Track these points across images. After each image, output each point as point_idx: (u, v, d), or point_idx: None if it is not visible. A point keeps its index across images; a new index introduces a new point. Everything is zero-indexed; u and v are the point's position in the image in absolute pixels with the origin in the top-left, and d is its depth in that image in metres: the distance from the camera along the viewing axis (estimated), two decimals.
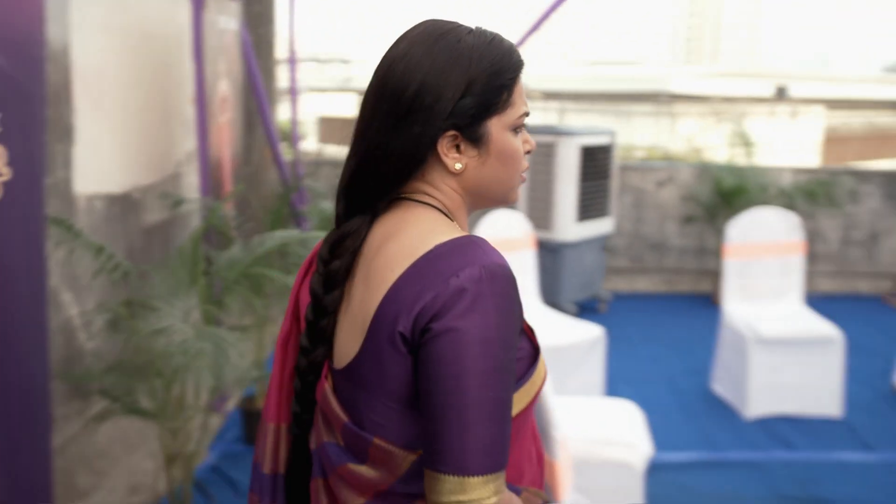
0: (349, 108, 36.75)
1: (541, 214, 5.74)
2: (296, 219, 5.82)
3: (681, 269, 6.90)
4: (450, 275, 1.03)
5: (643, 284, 6.93)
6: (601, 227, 6.03)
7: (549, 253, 5.71)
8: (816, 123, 27.00)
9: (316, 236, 2.95)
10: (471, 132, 1.12)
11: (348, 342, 1.13)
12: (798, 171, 6.89)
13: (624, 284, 6.91)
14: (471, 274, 1.02)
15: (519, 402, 1.13)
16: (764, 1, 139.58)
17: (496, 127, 1.14)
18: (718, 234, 6.02)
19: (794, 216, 4.68)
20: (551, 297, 5.65)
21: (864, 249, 6.99)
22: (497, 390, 1.03)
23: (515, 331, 1.06)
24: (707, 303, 6.48)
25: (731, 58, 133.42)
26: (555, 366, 4.03)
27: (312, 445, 1.21)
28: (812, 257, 6.91)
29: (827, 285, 6.97)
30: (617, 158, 6.37)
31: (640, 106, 38.80)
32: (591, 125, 11.58)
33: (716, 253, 6.34)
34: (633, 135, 37.38)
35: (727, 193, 6.22)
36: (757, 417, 4.28)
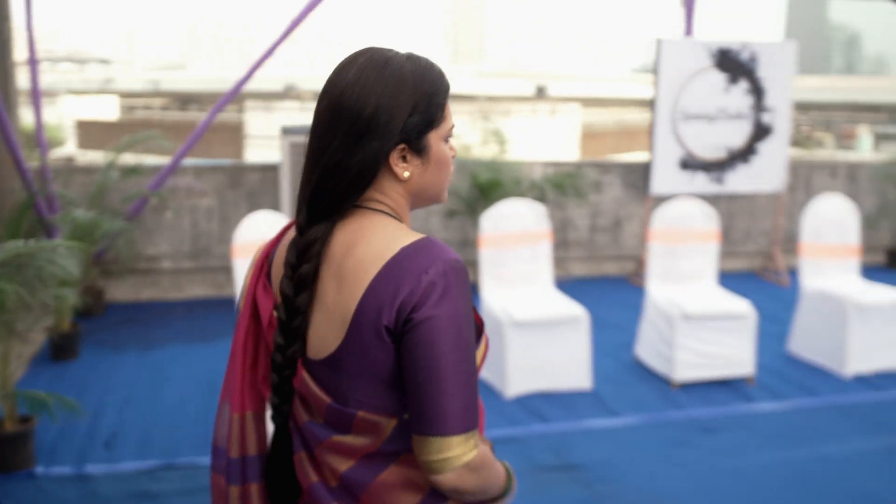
0: (110, 111, 34.74)
1: None
2: (46, 228, 5.49)
3: None
4: (420, 272, 1.23)
5: None
6: None
7: None
8: (573, 120, 28.82)
9: (54, 245, 2.82)
10: (416, 144, 1.33)
11: (326, 336, 1.29)
12: (548, 165, 7.38)
13: None
14: (437, 270, 1.24)
15: None
16: (525, 3, 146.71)
17: (434, 139, 1.35)
18: (478, 226, 6.34)
19: (541, 206, 5.03)
20: None
21: (609, 235, 7.61)
22: (468, 362, 1.26)
23: (471, 312, 1.29)
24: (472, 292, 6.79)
25: (496, 58, 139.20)
26: None
27: (291, 426, 1.37)
28: (565, 244, 7.44)
29: (579, 269, 7.52)
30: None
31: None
32: None
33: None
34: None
35: (484, 187, 6.56)
36: (516, 396, 4.57)
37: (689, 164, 7.01)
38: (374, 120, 1.28)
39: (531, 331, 4.55)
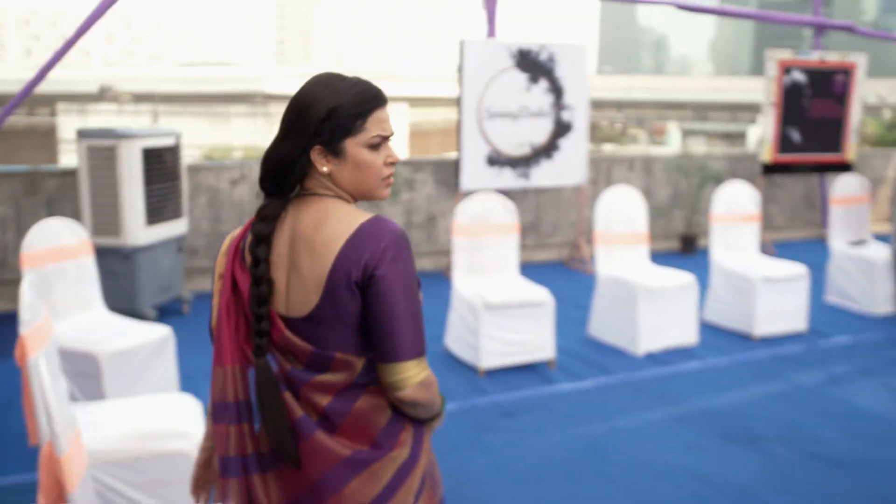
0: None
1: (108, 220, 5.57)
2: None
3: None
4: (378, 241, 1.61)
5: None
6: (175, 228, 6.01)
7: (121, 259, 5.57)
8: (401, 120, 29.08)
9: None
10: (332, 148, 1.66)
11: (304, 298, 1.65)
12: None
13: (209, 283, 6.97)
14: (389, 238, 1.61)
15: None
16: (353, 4, 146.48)
17: (351, 145, 1.67)
18: None
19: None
20: (128, 303, 5.53)
21: (424, 231, 7.79)
22: (415, 305, 1.65)
23: (415, 269, 1.67)
24: None
25: (323, 59, 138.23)
26: (124, 369, 4.00)
27: (277, 374, 1.68)
28: None
29: None
30: (188, 158, 6.38)
31: (235, 107, 38.61)
32: (155, 127, 11.36)
33: None
34: (231, 135, 37.02)
35: None
36: None
37: (496, 160, 7.29)
38: (295, 124, 1.66)
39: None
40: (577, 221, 8.29)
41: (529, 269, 7.79)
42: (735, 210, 6.12)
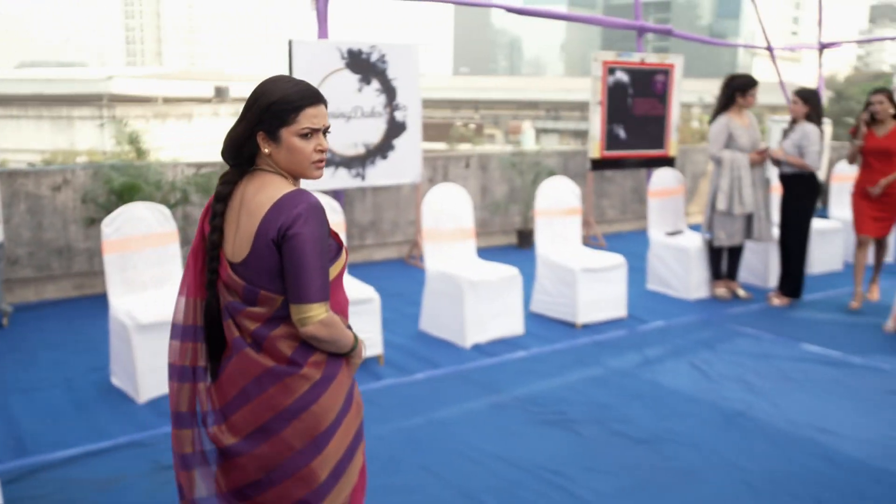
0: None
1: None
2: None
3: (91, 272, 6.87)
4: (292, 207, 2.06)
5: (52, 292, 6.75)
6: None
7: None
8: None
9: None
10: (271, 134, 2.14)
11: (241, 248, 2.13)
12: (191, 166, 7.31)
13: (31, 294, 6.66)
14: (302, 207, 2.06)
15: (333, 271, 2.21)
16: (203, 4, 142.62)
17: (286, 133, 2.13)
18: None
19: (166, 209, 4.99)
20: None
21: None
22: (320, 260, 2.08)
23: (325, 233, 2.10)
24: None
25: (175, 60, 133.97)
26: None
27: (222, 305, 2.22)
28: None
29: None
30: (21, 165, 6.07)
31: (80, 109, 36.79)
32: None
33: None
34: (75, 140, 35.19)
35: (120, 192, 6.36)
36: (149, 399, 4.51)
37: (330, 160, 7.30)
38: (246, 113, 2.15)
39: (157, 333, 4.50)
40: (415, 219, 8.41)
41: (370, 268, 7.86)
42: (557, 204, 6.38)
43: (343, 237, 5.46)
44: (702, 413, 4.45)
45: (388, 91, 7.52)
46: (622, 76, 8.99)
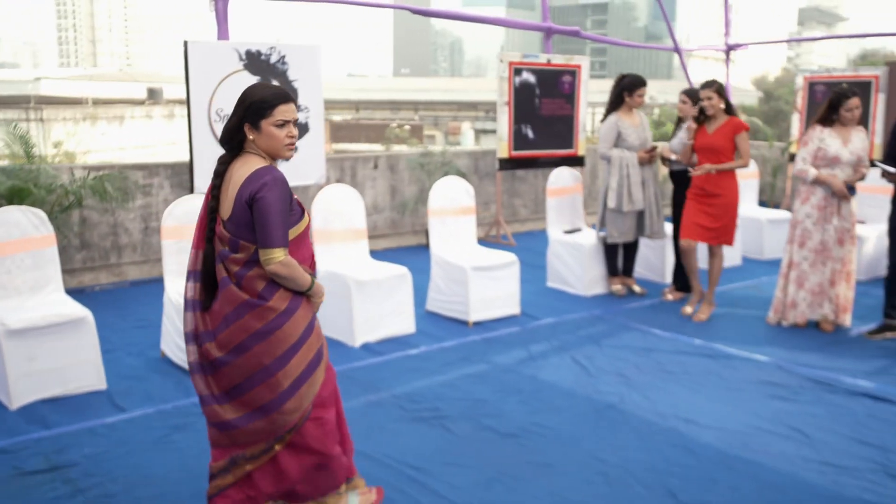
0: None
1: None
2: None
3: None
4: (260, 178, 2.80)
5: None
6: None
7: None
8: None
9: None
10: (254, 125, 2.89)
11: (227, 208, 2.88)
12: (87, 169, 7.20)
13: None
14: (267, 178, 2.80)
15: (295, 231, 2.94)
16: (140, 4, 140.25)
17: (265, 124, 2.88)
18: None
19: (42, 213, 4.91)
20: None
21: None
22: (281, 217, 2.81)
23: (286, 199, 2.84)
24: None
25: (111, 61, 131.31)
26: None
27: (216, 253, 2.97)
28: (117, 249, 7.33)
29: (135, 273, 7.45)
30: None
31: (4, 111, 35.86)
32: None
33: None
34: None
35: (9, 196, 6.24)
36: (21, 406, 4.44)
37: None
38: (236, 109, 2.93)
39: (32, 337, 4.45)
40: None
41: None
42: (451, 204, 6.44)
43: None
44: (574, 407, 4.54)
45: (290, 92, 7.50)
46: (529, 77, 9.10)
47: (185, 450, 3.99)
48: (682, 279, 6.85)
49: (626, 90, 6.67)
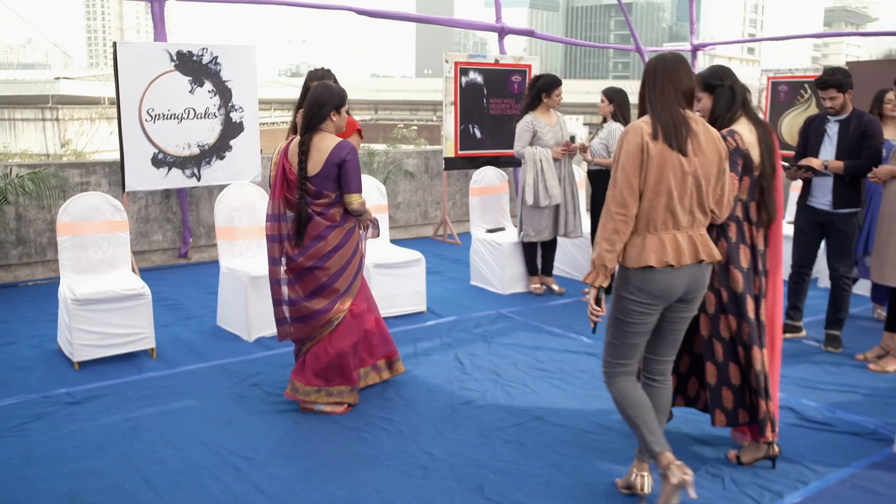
0: None
1: None
2: None
3: None
4: (345, 148, 4.24)
5: None
6: None
7: None
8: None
9: None
10: (337, 112, 4.32)
11: (315, 168, 4.23)
12: (22, 167, 7.39)
13: None
14: (349, 147, 4.26)
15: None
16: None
17: (341, 112, 4.35)
18: None
19: None
20: None
21: None
22: (358, 174, 4.34)
23: (358, 161, 4.35)
24: None
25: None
26: None
27: (307, 201, 4.31)
28: (53, 244, 7.51)
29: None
30: None
31: (23, 112, 36.43)
32: None
33: None
34: (17, 142, 34.81)
35: None
36: None
37: (162, 160, 7.42)
38: (324, 102, 4.28)
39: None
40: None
41: (212, 267, 7.99)
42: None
43: (126, 236, 5.65)
44: (431, 402, 4.62)
45: (223, 92, 7.65)
46: (476, 77, 9.17)
47: (34, 437, 4.12)
48: None
49: (544, 90, 6.73)
